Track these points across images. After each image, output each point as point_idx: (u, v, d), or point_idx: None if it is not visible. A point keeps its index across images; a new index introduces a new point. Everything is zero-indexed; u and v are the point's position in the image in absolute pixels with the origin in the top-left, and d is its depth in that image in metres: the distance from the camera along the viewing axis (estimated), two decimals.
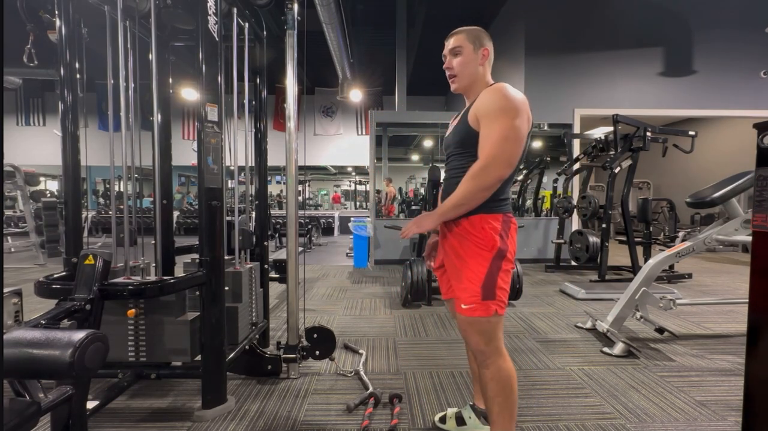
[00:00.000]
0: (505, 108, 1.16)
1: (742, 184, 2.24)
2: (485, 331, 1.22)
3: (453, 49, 1.28)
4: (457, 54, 1.28)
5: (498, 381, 1.22)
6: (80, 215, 1.72)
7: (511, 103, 1.16)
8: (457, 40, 1.28)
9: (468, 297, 1.21)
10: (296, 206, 2.02)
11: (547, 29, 5.64)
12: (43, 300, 1.55)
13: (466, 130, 1.24)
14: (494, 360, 1.22)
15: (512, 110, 1.16)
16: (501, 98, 1.17)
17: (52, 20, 1.63)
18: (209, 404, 1.64)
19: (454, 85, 1.32)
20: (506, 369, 1.23)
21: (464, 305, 1.21)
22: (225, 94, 1.75)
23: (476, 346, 1.24)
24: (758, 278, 1.16)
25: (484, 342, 1.22)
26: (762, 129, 1.18)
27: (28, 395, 0.90)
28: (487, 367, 1.23)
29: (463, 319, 1.24)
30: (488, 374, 1.23)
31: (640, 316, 2.44)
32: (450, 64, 1.30)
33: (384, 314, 3.13)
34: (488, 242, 1.21)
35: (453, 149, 1.31)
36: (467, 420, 1.51)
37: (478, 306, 1.20)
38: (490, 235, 1.21)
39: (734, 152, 7.65)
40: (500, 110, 1.16)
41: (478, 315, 1.20)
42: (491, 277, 1.20)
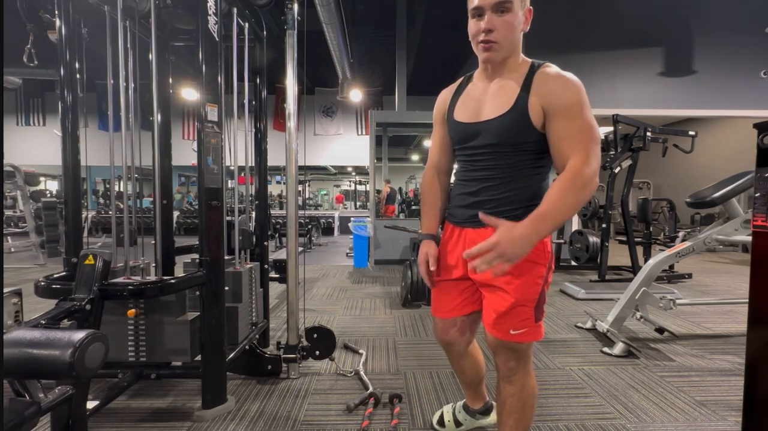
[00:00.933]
0: (584, 102, 0.96)
1: (742, 184, 2.25)
2: (521, 351, 1.10)
3: (501, 3, 0.96)
4: (505, 11, 0.97)
5: (520, 398, 1.12)
6: (80, 215, 1.72)
7: (585, 95, 0.97)
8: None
9: (520, 322, 1.04)
10: (296, 206, 2.02)
11: (547, 29, 5.64)
12: (43, 300, 1.55)
13: (524, 123, 0.99)
14: (521, 377, 1.12)
15: (588, 104, 0.98)
16: (578, 90, 0.97)
17: (52, 20, 1.63)
18: (209, 404, 1.64)
19: (490, 53, 1.01)
20: (530, 387, 1.13)
21: (513, 330, 1.05)
22: (225, 94, 1.74)
23: (505, 363, 1.11)
24: (758, 278, 1.16)
25: (515, 359, 1.10)
26: (762, 129, 1.18)
27: (28, 395, 0.90)
28: (512, 383, 1.12)
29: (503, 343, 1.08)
30: (511, 390, 1.13)
31: (640, 316, 2.44)
32: (493, 23, 0.97)
33: (384, 314, 3.13)
34: (544, 254, 1.05)
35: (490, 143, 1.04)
36: (463, 422, 1.51)
37: (530, 330, 1.06)
38: (548, 247, 1.06)
39: (734, 152, 7.65)
40: (582, 105, 0.96)
41: (531, 340, 1.07)
42: (542, 294, 1.07)
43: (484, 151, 1.07)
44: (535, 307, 1.05)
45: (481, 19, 0.99)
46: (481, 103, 1.07)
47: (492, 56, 1.02)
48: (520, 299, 1.03)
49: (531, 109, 0.98)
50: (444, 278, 1.21)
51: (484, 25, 0.98)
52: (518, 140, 1.02)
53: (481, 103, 1.07)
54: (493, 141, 1.04)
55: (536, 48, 5.55)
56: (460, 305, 1.19)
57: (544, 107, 0.98)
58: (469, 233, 1.13)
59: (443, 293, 1.22)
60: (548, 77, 0.99)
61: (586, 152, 0.94)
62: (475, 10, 1.00)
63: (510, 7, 0.96)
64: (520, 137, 1.01)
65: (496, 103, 1.04)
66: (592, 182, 0.93)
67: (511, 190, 1.05)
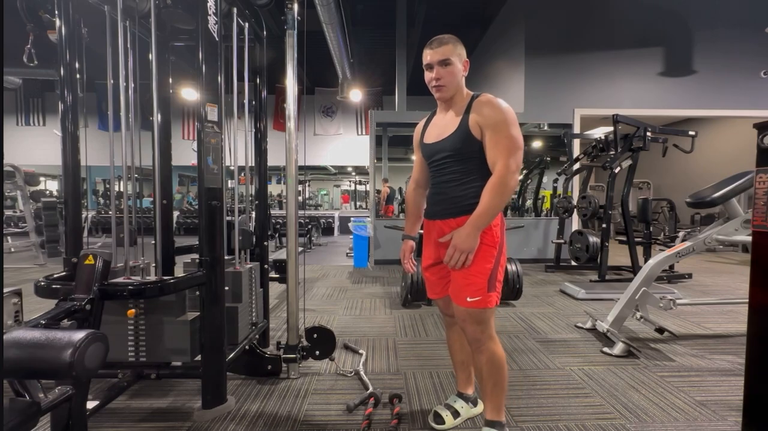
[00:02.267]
0: (508, 120, 1.28)
1: (742, 184, 2.24)
2: (483, 320, 1.34)
3: (443, 60, 1.33)
4: (448, 65, 1.33)
5: (492, 363, 1.36)
6: (80, 215, 1.72)
7: (510, 115, 1.29)
8: (446, 52, 1.33)
9: (474, 291, 1.31)
10: (296, 206, 2.02)
11: (547, 29, 5.64)
12: (43, 300, 1.55)
13: (467, 137, 1.33)
14: (488, 345, 1.36)
15: (513, 121, 1.28)
16: (503, 110, 1.29)
17: (52, 20, 1.63)
18: (209, 404, 1.64)
19: (440, 94, 1.38)
20: (498, 353, 1.37)
21: (470, 298, 1.32)
22: (225, 94, 1.74)
23: (473, 334, 1.36)
24: (758, 278, 1.16)
25: (480, 330, 1.35)
26: (762, 129, 1.18)
27: (28, 395, 0.90)
28: (482, 353, 1.36)
29: (465, 311, 1.34)
30: (483, 358, 1.36)
31: (640, 316, 2.44)
32: (439, 74, 1.34)
33: (384, 314, 3.13)
34: (494, 239, 1.34)
35: (449, 155, 1.38)
36: (460, 410, 1.60)
37: (483, 298, 1.32)
38: (495, 233, 1.34)
39: (734, 152, 7.65)
40: (505, 122, 1.27)
41: (483, 307, 1.32)
42: (494, 271, 1.34)
43: (444, 161, 1.40)
44: (488, 279, 1.32)
45: (432, 71, 1.36)
46: (440, 128, 1.43)
47: (442, 95, 1.38)
48: (473, 271, 1.32)
49: (471, 126, 1.32)
50: (427, 265, 1.52)
51: (434, 75, 1.35)
52: (466, 149, 1.34)
53: (440, 128, 1.43)
54: (449, 153, 1.38)
55: (537, 48, 5.58)
56: (442, 287, 1.49)
57: (479, 124, 1.31)
58: (438, 224, 1.44)
59: (429, 277, 1.54)
60: (481, 103, 1.33)
61: (506, 158, 1.26)
62: (427, 66, 1.37)
63: (450, 62, 1.33)
64: (467, 147, 1.34)
65: (448, 126, 1.39)
66: (511, 182, 1.26)
67: (467, 188, 1.37)
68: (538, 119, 5.71)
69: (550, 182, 6.74)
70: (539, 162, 6.34)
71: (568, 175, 5.36)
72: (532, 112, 5.62)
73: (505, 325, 2.84)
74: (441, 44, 1.33)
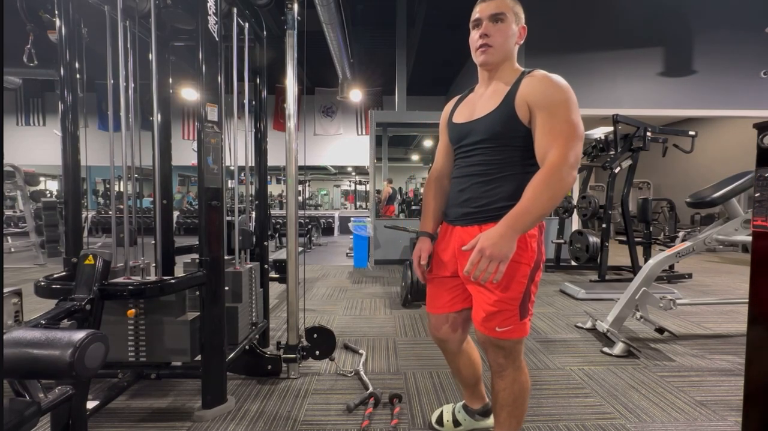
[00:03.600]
0: (568, 101, 1.01)
1: (742, 184, 2.24)
2: (510, 348, 1.13)
3: (496, 14, 1.07)
4: (499, 21, 1.08)
5: (512, 392, 1.17)
6: (80, 215, 1.71)
7: (572, 96, 1.02)
8: (501, 5, 1.08)
9: (504, 320, 1.08)
10: (296, 206, 2.02)
11: (547, 29, 5.64)
12: (43, 300, 1.55)
13: (510, 118, 1.05)
14: (511, 372, 1.16)
15: (575, 103, 1.02)
16: (563, 89, 1.02)
17: (52, 20, 1.63)
18: (209, 404, 1.64)
19: (485, 56, 1.10)
20: (521, 382, 1.17)
21: (499, 328, 1.08)
22: (225, 94, 1.74)
23: (494, 359, 1.16)
24: (758, 278, 1.16)
25: (503, 355, 1.14)
26: (762, 129, 1.18)
27: (28, 395, 0.90)
28: (503, 378, 1.17)
29: (489, 340, 1.12)
30: (502, 384, 1.17)
31: (640, 316, 2.44)
32: (490, 30, 1.08)
33: (384, 315, 3.13)
34: (528, 254, 1.07)
35: (481, 140, 1.11)
36: (462, 422, 1.51)
37: (515, 328, 1.09)
38: (530, 245, 1.07)
39: (734, 152, 7.65)
40: (565, 103, 1.01)
41: (515, 337, 1.10)
42: (527, 293, 1.09)
43: (475, 147, 1.13)
44: (520, 305, 1.08)
45: (479, 28, 1.11)
46: (476, 105, 1.17)
47: (488, 59, 1.11)
48: (505, 297, 1.07)
49: (518, 105, 1.05)
50: (436, 276, 1.27)
51: (482, 30, 1.10)
52: (506, 134, 1.07)
53: (476, 106, 1.16)
54: (482, 137, 1.11)
55: (537, 48, 5.58)
56: (450, 302, 1.25)
57: (530, 104, 1.04)
58: (458, 231, 1.18)
59: (435, 289, 1.28)
60: (535, 78, 1.06)
61: (563, 147, 0.99)
62: (474, 21, 1.12)
63: (504, 18, 1.08)
64: (508, 132, 1.07)
65: (488, 103, 1.12)
66: (568, 178, 0.98)
67: (498, 189, 1.10)
68: None
69: None
70: None
71: None
72: None
73: None
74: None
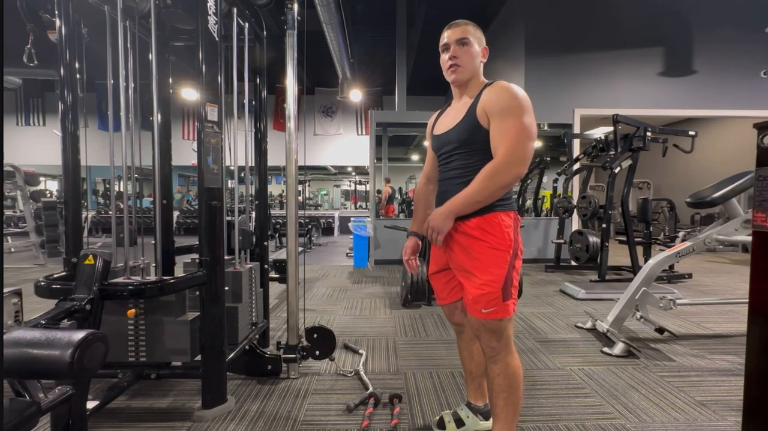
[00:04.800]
0: (518, 106, 1.16)
1: (742, 184, 2.24)
2: (498, 329, 1.23)
3: (461, 39, 1.25)
4: (465, 44, 1.25)
5: (506, 376, 1.24)
6: (80, 215, 1.72)
7: (523, 101, 1.16)
8: (465, 32, 1.25)
9: (488, 302, 1.20)
10: (296, 206, 2.02)
11: (547, 29, 5.64)
12: (43, 300, 1.55)
13: (474, 127, 1.21)
14: (503, 356, 1.25)
15: (525, 107, 1.16)
16: (513, 96, 1.17)
17: (52, 20, 1.63)
18: (209, 404, 1.64)
19: (455, 75, 1.27)
20: (514, 366, 1.26)
21: (484, 309, 1.21)
22: (225, 94, 1.75)
23: (488, 343, 1.25)
24: (758, 278, 1.16)
25: (495, 339, 1.24)
26: (762, 129, 1.18)
27: (28, 395, 0.90)
28: (496, 363, 1.25)
29: (479, 322, 1.23)
30: (496, 369, 1.25)
31: (640, 316, 2.44)
32: (457, 53, 1.25)
33: (384, 315, 3.13)
34: (505, 242, 1.21)
35: (456, 147, 1.27)
36: (465, 420, 1.51)
37: (498, 308, 1.20)
38: (506, 234, 1.21)
39: (734, 152, 7.65)
40: (514, 108, 1.16)
41: (499, 317, 1.21)
42: (509, 277, 1.21)
43: (451, 153, 1.30)
44: (502, 288, 1.20)
45: (448, 51, 1.27)
46: (450, 117, 1.33)
47: (457, 77, 1.28)
48: (488, 280, 1.20)
49: (479, 114, 1.21)
50: (435, 270, 1.43)
51: (450, 53, 1.26)
52: (472, 140, 1.23)
53: (450, 118, 1.33)
54: (455, 145, 1.27)
55: (537, 48, 5.58)
56: (449, 293, 1.42)
57: (486, 111, 1.19)
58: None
59: (437, 282, 1.45)
60: (492, 88, 1.22)
61: (509, 145, 1.14)
62: (443, 46, 1.29)
63: (468, 41, 1.25)
64: (474, 138, 1.22)
65: (457, 115, 1.29)
66: (510, 173, 1.14)
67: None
68: (538, 119, 5.63)
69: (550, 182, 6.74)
70: (539, 162, 6.34)
71: (568, 175, 5.36)
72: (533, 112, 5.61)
73: None
74: (459, 25, 1.27)
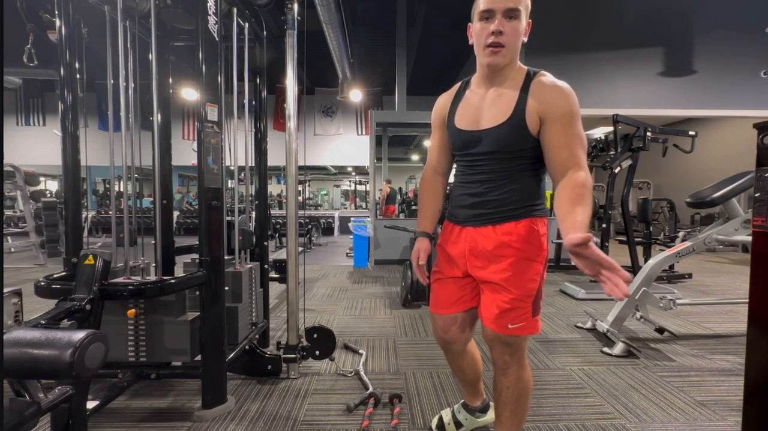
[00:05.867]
0: (577, 112, 1.02)
1: (742, 184, 2.24)
2: (515, 344, 1.13)
3: (511, 9, 1.00)
4: (514, 17, 1.00)
5: (515, 390, 1.17)
6: (80, 215, 1.71)
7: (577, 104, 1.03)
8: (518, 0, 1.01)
9: (517, 317, 1.08)
10: (296, 206, 2.02)
11: (547, 29, 5.64)
12: (43, 300, 1.55)
13: (521, 131, 1.03)
14: (515, 370, 1.16)
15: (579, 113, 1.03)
16: (573, 99, 1.01)
17: (52, 20, 1.63)
18: (209, 404, 1.64)
19: (497, 58, 1.03)
20: (525, 380, 1.18)
21: (511, 325, 1.09)
22: (225, 94, 1.74)
23: (500, 356, 1.16)
24: (758, 278, 1.16)
25: (509, 353, 1.15)
26: (762, 129, 1.18)
27: (28, 395, 0.90)
28: (507, 376, 1.17)
29: (498, 336, 1.12)
30: (506, 382, 1.17)
31: (640, 316, 2.44)
32: (504, 27, 1.00)
33: (384, 315, 3.13)
34: (541, 253, 1.09)
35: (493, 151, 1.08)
36: (464, 422, 1.50)
37: (527, 325, 1.09)
38: (543, 244, 1.10)
39: (734, 152, 7.65)
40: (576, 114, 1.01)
41: (526, 334, 1.11)
42: (539, 290, 1.11)
43: (484, 157, 1.11)
44: (533, 302, 1.09)
45: (490, 22, 1.01)
46: (480, 110, 1.11)
47: (497, 60, 1.04)
48: (519, 295, 1.07)
49: (528, 117, 1.02)
50: (446, 276, 1.24)
51: (495, 26, 1.00)
52: (516, 146, 1.06)
53: (481, 111, 1.11)
54: (493, 149, 1.08)
55: (537, 48, 5.58)
56: (460, 301, 1.22)
57: (541, 115, 1.02)
58: (470, 232, 1.16)
59: (444, 289, 1.25)
60: (545, 86, 1.03)
61: (580, 156, 1.00)
62: (484, 13, 1.02)
63: (518, 14, 1.00)
64: (518, 144, 1.06)
65: (495, 111, 1.07)
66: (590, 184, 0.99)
67: (510, 192, 1.10)
68: None
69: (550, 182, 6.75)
70: None
71: None
72: None
73: None
74: None
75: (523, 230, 1.08)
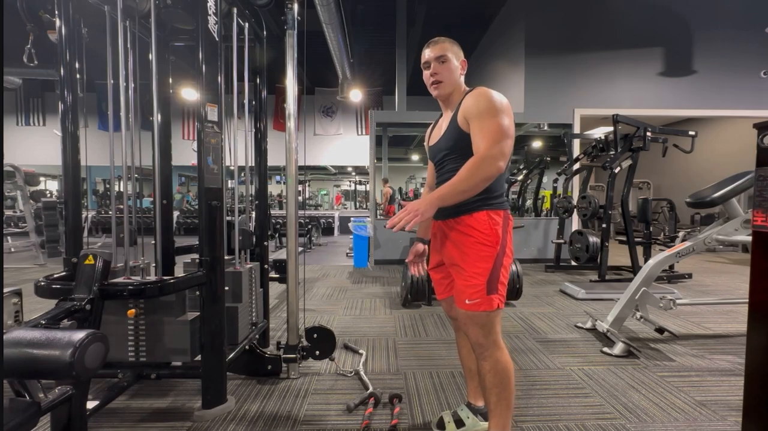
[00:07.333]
0: (494, 108, 1.23)
1: (742, 184, 2.24)
2: (485, 324, 1.28)
3: (440, 57, 1.34)
4: (444, 62, 1.34)
5: (496, 372, 1.28)
6: (80, 215, 1.72)
7: (498, 104, 1.24)
8: (443, 49, 1.34)
9: (473, 293, 1.26)
10: (296, 206, 2.02)
11: (547, 29, 5.64)
12: (43, 300, 1.55)
13: (458, 133, 1.30)
14: (492, 352, 1.29)
15: (501, 108, 1.24)
16: (488, 100, 1.24)
17: (52, 20, 1.63)
18: (209, 404, 1.64)
19: (438, 91, 1.37)
20: (504, 361, 1.29)
21: (468, 300, 1.26)
22: (225, 94, 1.74)
23: (476, 339, 1.30)
24: (758, 278, 1.16)
25: (483, 334, 1.28)
26: (762, 129, 1.18)
27: (28, 395, 0.90)
28: (485, 359, 1.29)
29: (466, 314, 1.29)
30: (486, 366, 1.29)
31: (640, 316, 2.44)
32: (437, 70, 1.35)
33: (384, 315, 3.13)
34: (492, 238, 1.27)
35: (446, 154, 1.37)
36: (466, 420, 1.51)
37: (482, 301, 1.25)
38: (494, 231, 1.28)
39: (734, 152, 7.65)
40: (490, 110, 1.23)
41: (483, 310, 1.26)
42: (495, 272, 1.26)
43: (443, 160, 1.39)
44: (487, 281, 1.26)
45: (429, 69, 1.36)
46: (440, 128, 1.43)
47: (439, 92, 1.37)
48: (473, 272, 1.27)
49: (460, 121, 1.30)
50: (433, 265, 1.51)
51: (432, 70, 1.35)
52: (458, 146, 1.31)
53: (440, 129, 1.43)
54: (445, 152, 1.37)
55: (537, 48, 5.58)
56: (445, 288, 1.48)
57: (466, 117, 1.27)
58: (439, 224, 1.42)
59: (435, 278, 1.52)
60: (470, 95, 1.29)
61: (488, 142, 1.19)
62: (425, 64, 1.38)
63: (447, 57, 1.34)
64: (459, 143, 1.31)
65: (445, 125, 1.39)
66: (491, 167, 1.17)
67: None
68: (538, 119, 5.71)
69: (550, 182, 6.74)
70: (539, 162, 6.34)
71: (568, 175, 5.36)
72: (532, 112, 5.62)
73: (506, 325, 2.84)
74: (437, 43, 1.36)
75: (476, 221, 1.28)
